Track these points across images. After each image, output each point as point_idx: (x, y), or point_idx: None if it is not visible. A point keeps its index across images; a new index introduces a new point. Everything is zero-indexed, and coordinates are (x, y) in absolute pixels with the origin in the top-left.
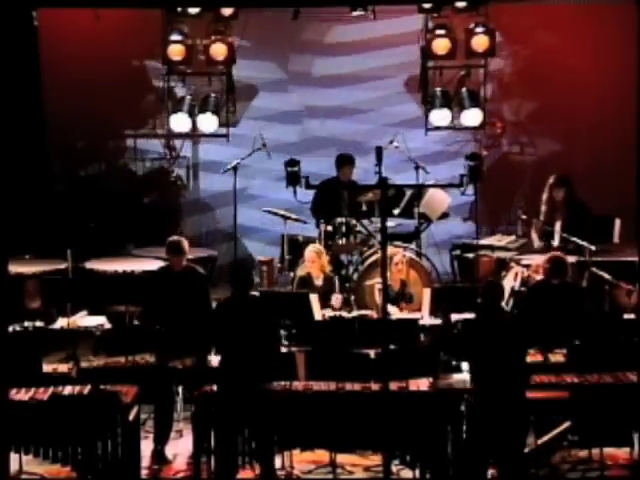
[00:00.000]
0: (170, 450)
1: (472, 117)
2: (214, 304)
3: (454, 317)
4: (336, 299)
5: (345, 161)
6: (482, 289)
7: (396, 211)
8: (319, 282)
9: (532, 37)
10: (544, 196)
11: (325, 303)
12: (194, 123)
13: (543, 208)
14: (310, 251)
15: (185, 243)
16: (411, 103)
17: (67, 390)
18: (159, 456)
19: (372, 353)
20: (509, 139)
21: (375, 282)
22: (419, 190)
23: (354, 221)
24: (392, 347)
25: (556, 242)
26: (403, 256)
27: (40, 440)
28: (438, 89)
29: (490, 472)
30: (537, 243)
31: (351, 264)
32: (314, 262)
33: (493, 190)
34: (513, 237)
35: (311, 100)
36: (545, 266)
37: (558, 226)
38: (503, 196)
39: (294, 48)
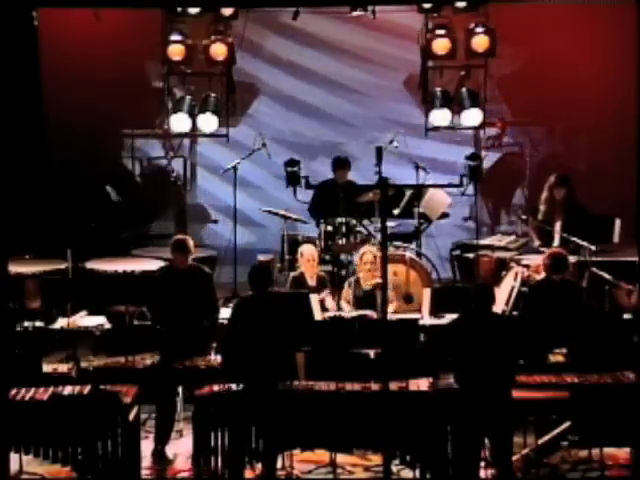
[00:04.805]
0: (170, 450)
1: (472, 117)
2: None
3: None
4: (328, 302)
5: (340, 164)
6: (474, 290)
7: (396, 211)
8: (312, 282)
9: (532, 37)
10: (543, 196)
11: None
12: (194, 123)
13: (542, 208)
14: (309, 249)
15: (191, 242)
16: (411, 103)
17: (67, 390)
18: (160, 456)
19: (372, 353)
20: (509, 139)
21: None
22: (419, 190)
23: (354, 221)
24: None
25: (556, 242)
26: (375, 257)
27: (40, 440)
28: (438, 89)
29: (490, 472)
30: (536, 243)
31: (351, 264)
32: (314, 260)
33: (493, 190)
34: (513, 237)
35: (311, 99)
36: (545, 262)
37: (558, 226)
38: (503, 196)
39: (294, 47)
